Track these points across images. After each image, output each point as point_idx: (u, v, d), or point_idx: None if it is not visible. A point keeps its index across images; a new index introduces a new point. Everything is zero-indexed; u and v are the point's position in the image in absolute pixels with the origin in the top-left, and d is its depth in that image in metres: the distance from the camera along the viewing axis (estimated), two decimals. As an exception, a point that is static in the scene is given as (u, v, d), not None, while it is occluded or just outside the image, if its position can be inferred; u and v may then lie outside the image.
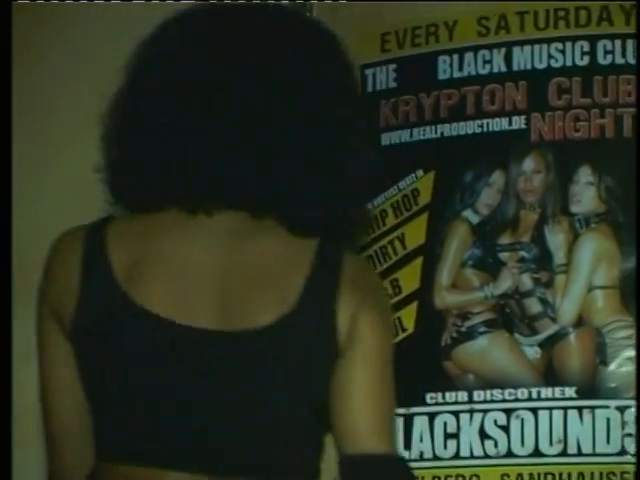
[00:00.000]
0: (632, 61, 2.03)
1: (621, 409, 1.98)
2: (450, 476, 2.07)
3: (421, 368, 2.11)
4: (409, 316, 2.14)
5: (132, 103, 1.27)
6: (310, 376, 1.19)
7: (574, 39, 2.05)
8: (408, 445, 2.09)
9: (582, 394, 1.97)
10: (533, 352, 2.04)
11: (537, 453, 1.99)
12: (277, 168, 1.15)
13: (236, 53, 1.20)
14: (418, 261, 2.14)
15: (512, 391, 2.03)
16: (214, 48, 1.21)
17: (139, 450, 1.19)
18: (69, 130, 2.51)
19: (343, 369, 1.16)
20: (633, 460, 2.02)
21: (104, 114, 1.54)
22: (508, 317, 2.05)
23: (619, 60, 2.01)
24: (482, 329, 2.06)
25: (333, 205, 1.22)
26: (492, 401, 2.03)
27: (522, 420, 2.00)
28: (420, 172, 2.12)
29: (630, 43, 2.02)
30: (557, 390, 2.00)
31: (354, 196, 1.31)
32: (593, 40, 2.03)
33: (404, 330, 2.13)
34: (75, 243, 1.24)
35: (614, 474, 2.01)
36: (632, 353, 2.02)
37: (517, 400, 2.02)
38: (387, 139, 2.17)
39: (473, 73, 2.12)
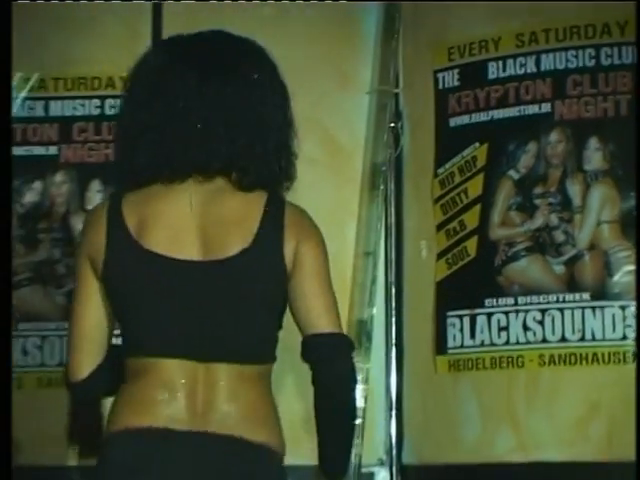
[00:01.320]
0: (626, 61, 2.57)
1: (623, 307, 2.54)
2: (503, 357, 2.63)
3: (481, 282, 2.70)
4: (472, 246, 2.71)
5: (126, 117, 1.83)
6: (267, 290, 1.76)
7: (584, 47, 2.60)
8: (473, 336, 2.67)
9: (595, 297, 2.52)
10: (559, 269, 2.61)
11: (563, 339, 2.54)
12: (228, 145, 1.72)
13: (194, 71, 1.74)
14: (477, 207, 2.70)
15: (545, 296, 2.57)
16: (183, 65, 1.76)
17: (157, 347, 1.73)
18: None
19: (296, 281, 1.75)
20: (632, 344, 2.57)
21: (113, 126, 2.10)
22: (541, 245, 2.61)
23: (617, 62, 2.57)
24: (523, 253, 2.61)
25: (269, 167, 1.77)
26: (531, 304, 2.59)
27: (552, 317, 2.55)
28: (477, 144, 2.69)
29: (624, 49, 2.59)
30: (577, 295, 2.55)
31: (282, 161, 1.81)
32: (598, 48, 2.58)
33: (468, 255, 2.70)
34: (101, 211, 1.80)
35: (618, 353, 2.53)
36: (631, 267, 2.55)
37: (548, 303, 2.57)
38: (454, 122, 2.75)
39: (513, 73, 2.67)
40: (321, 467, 1.90)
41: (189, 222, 1.80)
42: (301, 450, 2.41)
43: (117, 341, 2.04)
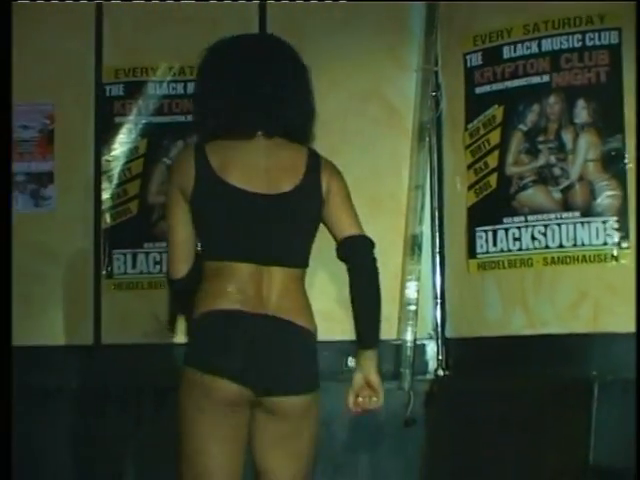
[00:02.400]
0: (605, 43, 3.09)
1: (604, 222, 3.09)
2: (516, 259, 3.20)
3: (500, 206, 3.27)
4: (493, 180, 3.29)
5: (208, 88, 2.24)
6: (311, 210, 2.22)
7: (573, 33, 3.14)
8: (495, 244, 3.26)
9: (583, 215, 3.09)
10: (557, 195, 3.15)
11: (561, 246, 3.11)
12: (295, 115, 2.20)
13: (254, 56, 2.21)
14: (496, 152, 3.27)
15: (547, 215, 3.15)
16: (244, 54, 2.21)
17: (231, 253, 2.18)
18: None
19: (330, 204, 2.21)
20: (610, 248, 3.09)
21: (194, 95, 2.46)
22: (543, 178, 3.17)
23: (597, 43, 3.11)
24: (530, 184, 3.18)
25: (308, 130, 2.25)
26: (537, 220, 3.16)
27: (553, 230, 3.13)
28: (496, 106, 3.27)
29: (603, 33, 3.11)
30: (570, 214, 3.11)
31: (313, 124, 2.26)
32: (583, 33, 3.12)
33: (490, 187, 3.30)
34: (190, 154, 2.21)
35: (600, 255, 3.07)
36: (611, 192, 3.08)
37: (549, 219, 3.14)
38: (478, 90, 3.33)
39: (521, 54, 3.23)
40: (358, 339, 2.32)
41: (257, 166, 2.24)
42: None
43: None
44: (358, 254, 2.29)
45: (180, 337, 3.14)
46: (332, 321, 3.11)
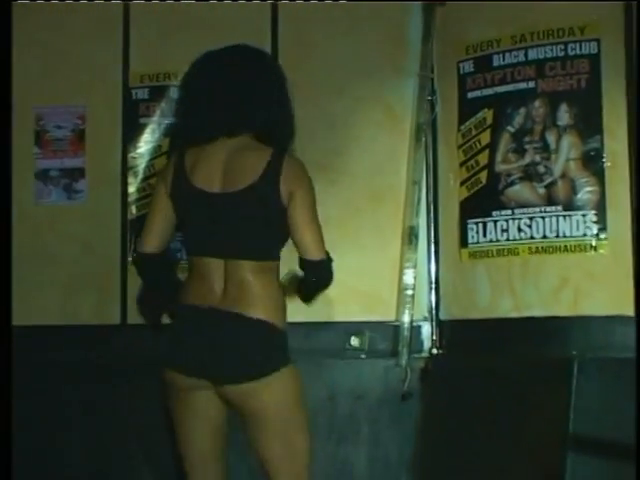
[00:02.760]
0: (585, 52, 3.17)
1: (584, 215, 3.17)
2: (504, 249, 3.29)
3: (489, 200, 3.33)
4: (483, 176, 3.35)
5: (185, 92, 2.42)
6: (267, 207, 2.29)
7: (557, 43, 3.22)
8: (485, 235, 3.34)
9: (565, 209, 3.17)
10: (541, 190, 3.22)
11: (544, 237, 3.20)
12: (247, 116, 2.31)
13: (220, 67, 2.35)
14: (486, 151, 3.34)
15: (532, 209, 3.23)
16: (215, 67, 2.35)
17: (197, 249, 2.36)
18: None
19: (290, 214, 2.29)
20: (589, 239, 3.17)
21: (175, 104, 2.60)
22: (529, 175, 3.24)
23: (578, 52, 3.19)
24: (517, 181, 3.25)
25: (276, 130, 2.36)
26: (522, 214, 3.23)
27: (537, 222, 3.20)
28: (486, 109, 3.35)
29: (583, 44, 3.19)
30: (553, 207, 3.20)
31: (286, 128, 2.40)
32: (566, 44, 3.20)
33: (481, 183, 3.36)
34: (174, 159, 2.38)
35: (580, 245, 3.15)
36: (590, 189, 3.16)
37: (534, 213, 3.21)
38: (470, 95, 3.40)
39: (509, 62, 3.31)
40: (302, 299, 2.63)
41: (218, 167, 2.40)
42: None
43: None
44: (316, 276, 2.51)
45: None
46: (333, 305, 3.44)
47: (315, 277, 2.49)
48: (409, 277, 3.45)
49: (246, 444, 2.53)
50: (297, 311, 3.03)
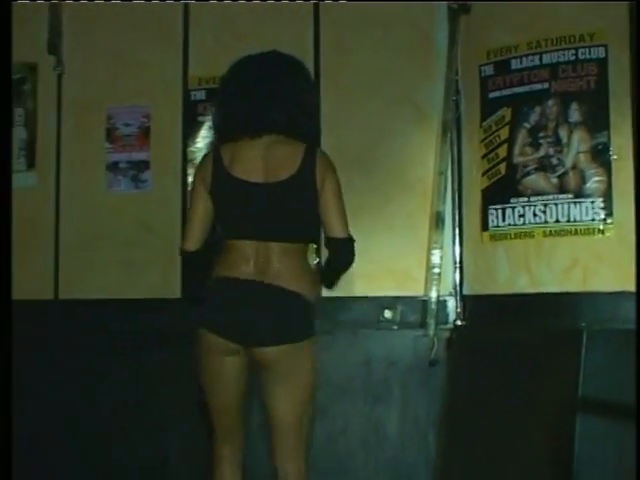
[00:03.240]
0: (594, 57, 3.22)
1: (592, 202, 3.21)
2: (521, 232, 3.35)
3: (508, 188, 3.39)
4: (502, 167, 3.43)
5: (223, 94, 2.57)
6: (306, 195, 2.45)
7: (568, 49, 3.31)
8: (504, 220, 3.40)
9: (576, 196, 3.23)
10: (554, 180, 3.28)
11: (557, 221, 3.27)
12: (284, 115, 2.46)
13: (255, 71, 2.51)
14: (505, 145, 3.41)
15: (546, 196, 3.31)
16: (249, 71, 2.52)
17: (238, 233, 2.48)
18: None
19: (322, 198, 2.47)
20: (597, 224, 3.19)
21: (213, 100, 2.80)
22: (544, 166, 3.31)
23: (587, 57, 3.26)
24: (533, 171, 3.33)
25: (309, 129, 2.54)
26: (538, 201, 3.30)
27: (551, 208, 3.28)
28: (505, 108, 3.43)
29: (592, 49, 3.24)
30: (565, 195, 3.27)
31: (312, 125, 2.57)
32: (576, 49, 3.28)
33: (500, 173, 3.44)
34: (210, 155, 2.51)
35: (589, 229, 3.21)
36: (598, 179, 3.20)
37: (548, 200, 3.29)
38: (491, 95, 3.48)
39: (526, 65, 3.38)
40: (324, 282, 2.82)
41: (257, 160, 2.54)
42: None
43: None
44: (340, 254, 2.67)
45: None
46: (370, 281, 3.63)
47: (340, 254, 2.63)
48: (436, 257, 3.55)
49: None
50: (338, 287, 3.30)
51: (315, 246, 3.30)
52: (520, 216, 3.41)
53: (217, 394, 2.67)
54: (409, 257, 3.66)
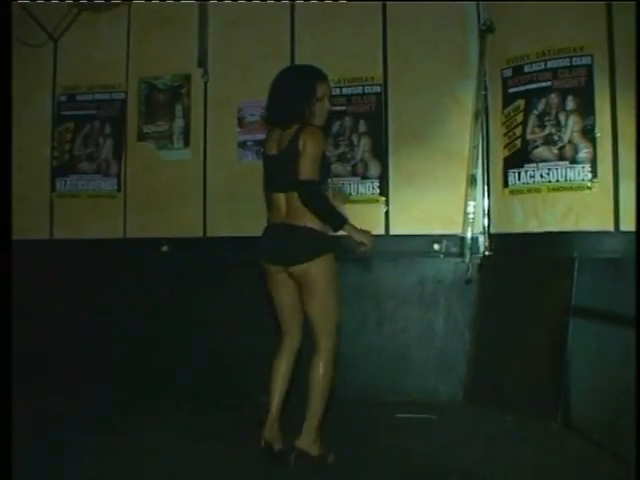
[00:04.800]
0: (583, 63, 3.68)
1: (582, 167, 3.67)
2: (531, 188, 3.83)
3: (522, 157, 3.87)
4: (518, 142, 3.88)
5: (269, 98, 2.95)
6: (295, 160, 2.78)
7: (565, 57, 3.79)
8: (519, 179, 3.84)
9: (571, 163, 3.72)
10: (556, 151, 3.75)
11: (557, 181, 3.76)
12: (285, 112, 2.88)
13: (278, 78, 2.93)
14: (520, 126, 3.88)
15: (550, 163, 3.79)
16: (277, 78, 2.94)
17: (269, 187, 2.97)
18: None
19: (302, 153, 2.77)
20: (587, 182, 3.65)
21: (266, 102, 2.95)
22: (548, 141, 3.80)
23: (579, 63, 3.75)
24: (540, 145, 3.81)
25: (299, 116, 2.86)
26: (544, 166, 3.80)
27: (553, 171, 3.78)
28: (520, 100, 3.92)
29: (583, 57, 3.68)
30: (563, 162, 3.75)
31: (302, 113, 2.82)
32: (571, 57, 3.77)
33: (516, 147, 3.88)
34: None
35: (581, 186, 3.69)
36: (587, 150, 3.64)
37: (551, 166, 3.80)
38: (510, 90, 3.95)
39: (535, 69, 3.87)
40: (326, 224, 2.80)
41: (275, 140, 2.90)
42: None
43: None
44: (303, 192, 2.80)
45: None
46: (423, 223, 4.17)
47: (304, 194, 2.79)
48: (471, 207, 4.04)
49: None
50: (401, 226, 3.98)
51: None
52: (531, 177, 3.87)
53: (276, 299, 3.04)
54: (451, 206, 4.14)
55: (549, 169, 3.83)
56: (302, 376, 2.96)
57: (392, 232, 4.15)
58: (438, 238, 4.15)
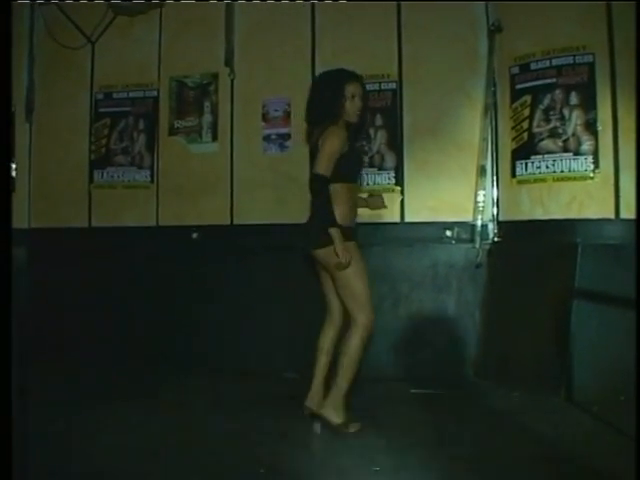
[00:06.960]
0: (586, 61, 3.67)
1: (585, 158, 3.69)
2: (537, 178, 3.87)
3: (529, 149, 3.89)
4: (525, 135, 3.88)
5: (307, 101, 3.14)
6: (316, 153, 2.95)
7: (568, 55, 3.81)
8: (526, 170, 3.85)
9: (574, 154, 3.74)
10: (560, 144, 3.78)
11: (562, 171, 3.79)
12: (315, 114, 3.05)
13: (314, 85, 3.14)
14: (527, 120, 3.89)
15: (555, 154, 3.83)
16: (313, 83, 3.25)
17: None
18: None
19: (320, 150, 2.92)
20: (589, 173, 3.67)
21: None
22: (553, 134, 3.82)
23: (582, 61, 3.76)
24: (545, 138, 3.83)
25: (325, 118, 3.02)
26: (549, 157, 3.83)
27: (557, 162, 3.82)
28: (527, 95, 3.94)
29: (585, 56, 3.68)
30: (567, 154, 3.77)
31: (328, 114, 2.96)
32: (574, 56, 3.78)
33: (523, 139, 3.89)
34: None
35: (584, 177, 3.71)
36: (589, 142, 3.64)
37: (556, 157, 3.82)
38: (517, 87, 3.96)
39: (540, 67, 3.89)
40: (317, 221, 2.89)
41: (315, 136, 3.01)
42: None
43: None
44: (314, 183, 2.88)
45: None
46: (436, 211, 4.20)
47: (311, 186, 2.91)
48: (480, 195, 4.08)
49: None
50: (415, 214, 4.02)
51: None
52: (537, 168, 3.91)
53: (320, 282, 3.23)
54: (462, 195, 4.18)
55: (554, 160, 3.86)
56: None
57: (407, 220, 4.20)
58: (450, 225, 4.18)
